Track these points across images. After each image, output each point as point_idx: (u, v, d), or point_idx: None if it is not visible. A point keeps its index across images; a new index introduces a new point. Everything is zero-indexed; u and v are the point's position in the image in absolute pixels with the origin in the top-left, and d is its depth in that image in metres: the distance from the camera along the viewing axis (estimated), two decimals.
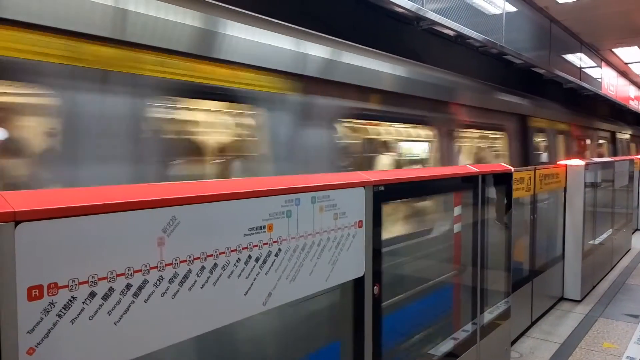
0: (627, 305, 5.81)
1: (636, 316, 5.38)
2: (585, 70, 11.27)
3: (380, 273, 2.29)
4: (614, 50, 11.94)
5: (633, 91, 15.96)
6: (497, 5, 6.81)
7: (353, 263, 2.14)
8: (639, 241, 9.73)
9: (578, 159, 6.18)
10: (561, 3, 8.20)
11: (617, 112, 15.55)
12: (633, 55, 12.37)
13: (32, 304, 1.12)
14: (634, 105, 16.04)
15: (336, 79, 3.48)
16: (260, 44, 2.86)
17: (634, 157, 9.93)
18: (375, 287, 2.25)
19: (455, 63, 5.91)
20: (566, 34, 9.82)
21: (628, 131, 15.48)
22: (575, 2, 8.20)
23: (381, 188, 2.28)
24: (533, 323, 5.22)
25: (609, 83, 12.97)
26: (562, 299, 6.07)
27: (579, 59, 10.85)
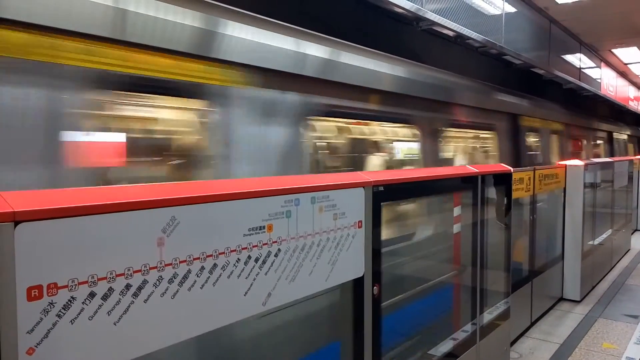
0: (627, 305, 5.81)
1: (636, 316, 5.38)
2: (584, 70, 11.27)
3: (379, 273, 2.30)
4: (614, 50, 11.95)
5: (632, 92, 15.97)
6: (497, 5, 6.81)
7: (353, 263, 2.14)
8: (639, 241, 9.74)
9: (577, 160, 6.19)
10: (561, 3, 8.20)
11: (617, 113, 15.55)
12: (632, 55, 12.37)
13: (32, 304, 1.13)
14: (633, 105, 16.05)
15: (304, 73, 3.14)
16: (210, 32, 2.55)
17: (634, 158, 9.94)
18: (374, 287, 2.25)
19: (454, 63, 5.91)
20: (566, 35, 9.82)
21: (626, 131, 15.45)
22: (574, 3, 8.20)
23: (381, 188, 2.28)
24: (533, 323, 5.22)
25: (609, 83, 12.97)
26: (562, 300, 6.08)
27: (579, 60, 10.85)
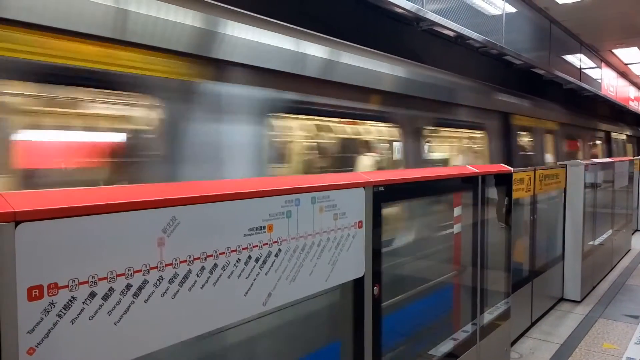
0: (627, 305, 5.81)
1: (636, 317, 5.38)
2: (585, 71, 11.27)
3: (380, 273, 2.30)
4: (614, 51, 11.95)
5: (633, 92, 15.97)
6: (497, 6, 6.81)
7: (353, 263, 2.14)
8: (639, 242, 9.73)
9: (577, 160, 6.19)
10: (561, 4, 8.20)
11: (617, 113, 15.55)
12: (633, 56, 12.38)
13: (32, 304, 1.13)
14: (634, 106, 16.05)
15: (266, 66, 2.85)
16: (155, 19, 2.34)
17: (634, 158, 9.93)
18: (375, 288, 2.25)
19: (454, 64, 5.91)
20: (566, 35, 9.82)
21: (625, 131, 15.40)
22: (575, 3, 8.20)
23: (381, 188, 2.28)
24: (533, 323, 5.21)
25: (609, 84, 12.97)
26: (562, 300, 6.07)
27: (579, 60, 10.85)
